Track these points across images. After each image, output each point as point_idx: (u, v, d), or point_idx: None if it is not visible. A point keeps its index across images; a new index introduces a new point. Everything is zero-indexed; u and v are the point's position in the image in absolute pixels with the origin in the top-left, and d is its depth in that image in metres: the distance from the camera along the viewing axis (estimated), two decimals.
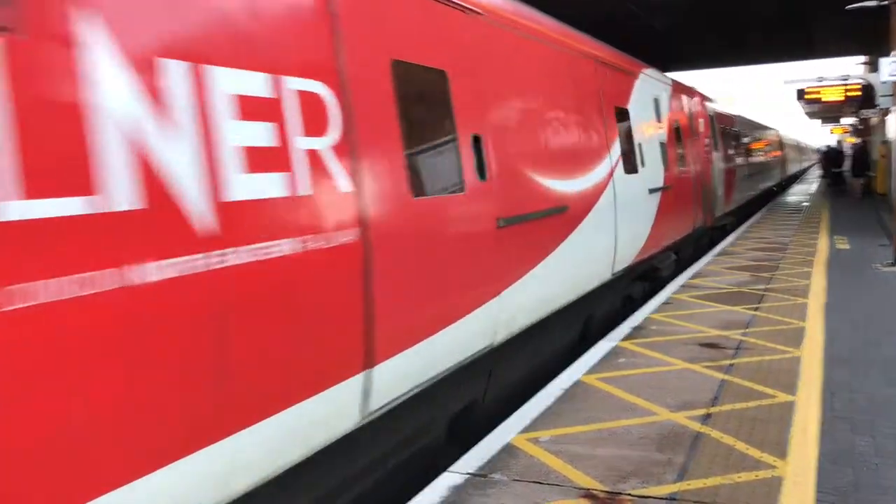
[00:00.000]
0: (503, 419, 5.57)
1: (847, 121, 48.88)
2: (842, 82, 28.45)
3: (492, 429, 5.38)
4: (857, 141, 40.94)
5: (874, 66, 22.49)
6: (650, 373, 6.55)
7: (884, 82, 16.55)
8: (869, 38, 22.37)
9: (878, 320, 8.40)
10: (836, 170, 38.41)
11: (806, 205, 26.36)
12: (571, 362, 7.09)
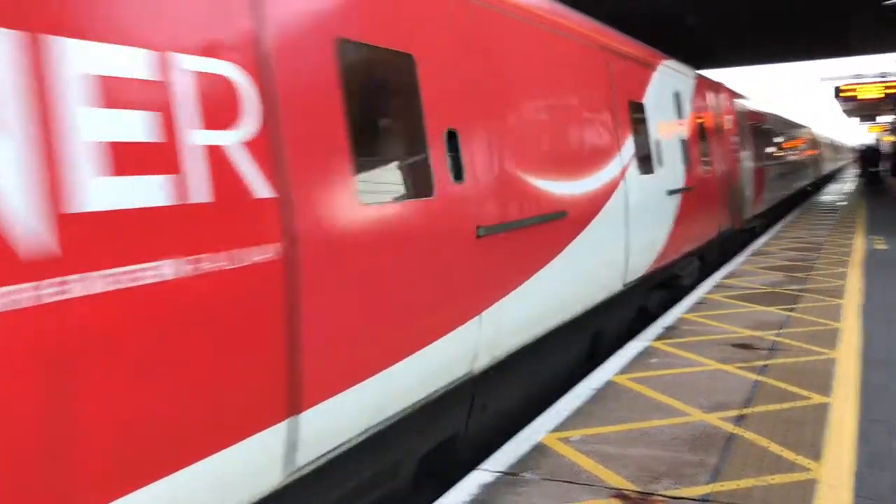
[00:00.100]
0: (494, 451, 5.01)
1: (885, 119, 48.05)
2: (880, 79, 27.99)
3: (476, 463, 4.86)
4: None
5: None
6: (682, 373, 6.49)
7: None
8: None
9: None
10: (873, 169, 37.80)
11: (842, 204, 25.93)
12: (577, 382, 6.49)
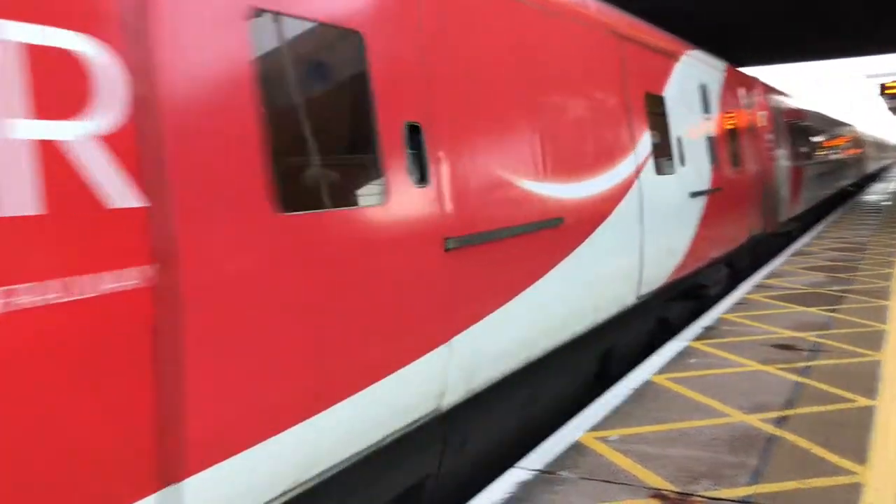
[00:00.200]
0: (479, 489, 4.63)
1: None
2: None
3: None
4: None
5: None
6: (722, 374, 6.41)
7: None
8: None
9: None
10: None
11: (886, 204, 25.38)
12: (584, 406, 5.88)
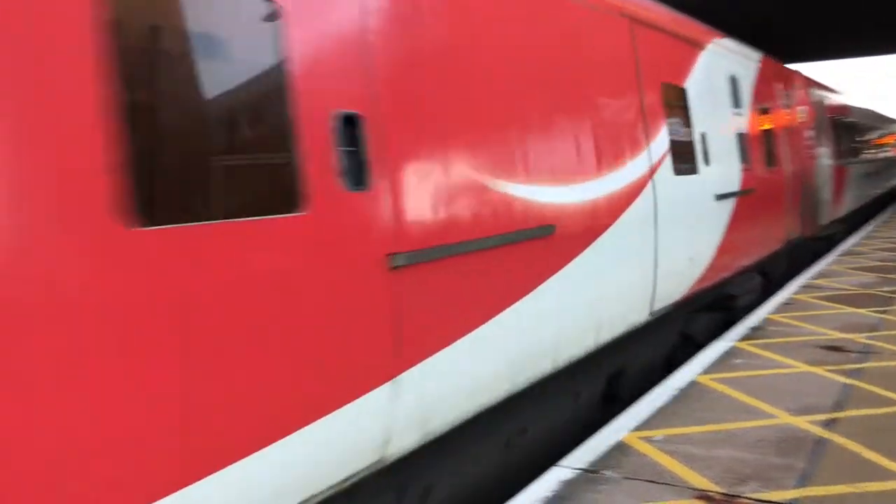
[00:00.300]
0: None
1: None
2: None
3: None
4: None
5: None
6: (769, 375, 6.32)
7: None
8: None
9: None
10: None
11: None
12: (587, 437, 5.50)
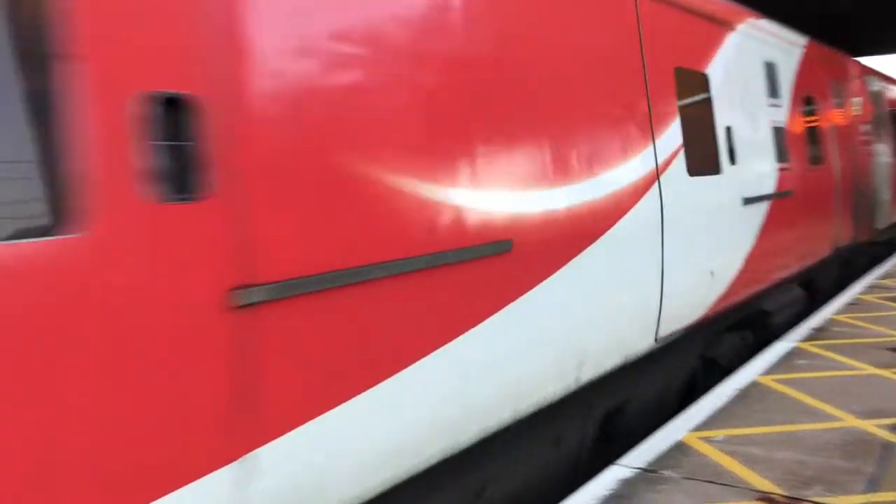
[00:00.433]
0: None
1: None
2: None
3: None
4: None
5: None
6: (833, 376, 6.16)
7: None
8: None
9: None
10: None
11: None
12: (578, 484, 4.88)
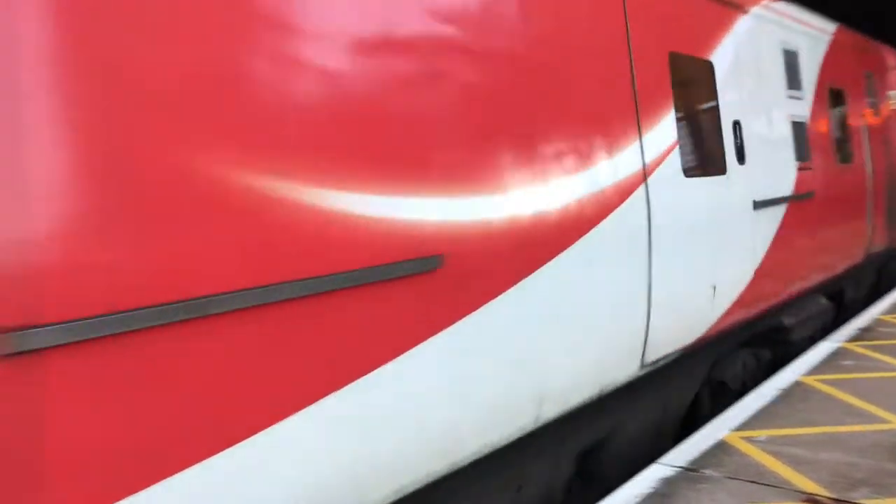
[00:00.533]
0: None
1: None
2: None
3: None
4: None
5: None
6: (880, 377, 6.03)
7: None
8: None
9: None
10: None
11: None
12: None
